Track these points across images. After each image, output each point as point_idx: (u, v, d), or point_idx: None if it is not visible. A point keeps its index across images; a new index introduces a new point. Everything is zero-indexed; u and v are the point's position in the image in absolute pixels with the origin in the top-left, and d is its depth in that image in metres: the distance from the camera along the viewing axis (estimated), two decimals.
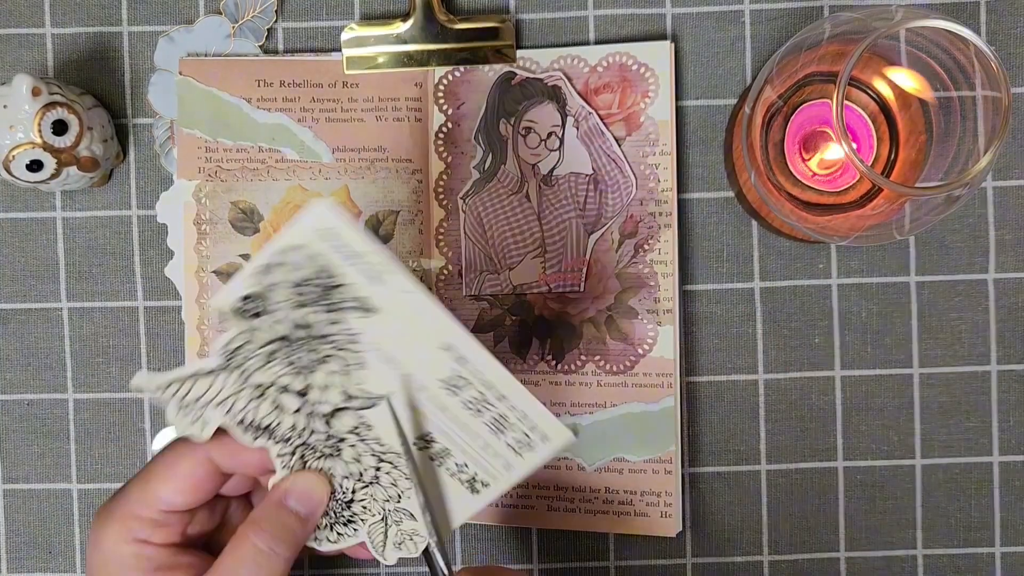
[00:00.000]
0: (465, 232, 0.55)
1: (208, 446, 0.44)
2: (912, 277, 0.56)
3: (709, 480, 0.56)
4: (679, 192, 0.55)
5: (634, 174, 0.54)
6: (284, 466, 0.44)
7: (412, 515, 0.44)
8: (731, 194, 0.56)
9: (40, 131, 0.50)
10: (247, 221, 0.55)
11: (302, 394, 0.43)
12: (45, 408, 0.56)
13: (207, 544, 0.46)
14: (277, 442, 0.44)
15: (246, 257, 0.55)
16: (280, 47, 0.56)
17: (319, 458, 0.44)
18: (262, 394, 0.43)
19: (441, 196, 0.55)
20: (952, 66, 0.47)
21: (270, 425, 0.43)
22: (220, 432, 0.44)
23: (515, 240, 0.55)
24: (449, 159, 0.55)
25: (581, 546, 0.56)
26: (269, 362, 0.43)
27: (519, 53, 0.55)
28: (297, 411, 0.43)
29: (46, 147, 0.50)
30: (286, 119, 0.55)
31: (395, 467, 0.44)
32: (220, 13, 0.55)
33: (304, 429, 0.44)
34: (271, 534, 0.43)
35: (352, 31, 0.55)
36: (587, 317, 0.55)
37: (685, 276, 0.55)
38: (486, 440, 0.43)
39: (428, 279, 0.55)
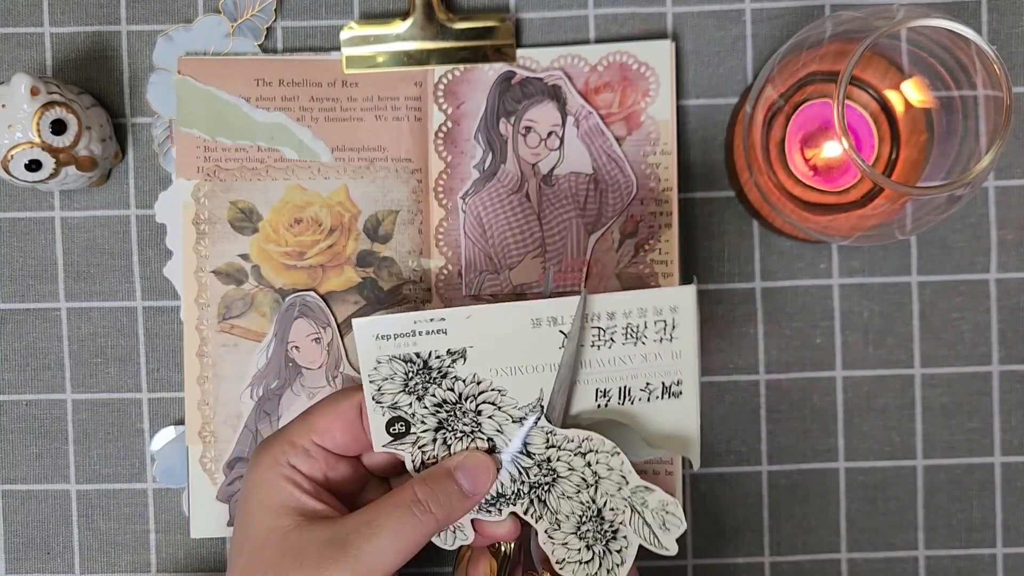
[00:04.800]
0: (465, 232, 0.55)
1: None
2: (914, 277, 0.56)
3: (710, 481, 0.56)
4: (680, 192, 0.55)
5: (634, 174, 0.54)
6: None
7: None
8: (732, 194, 0.55)
9: (39, 130, 0.50)
10: (246, 221, 0.55)
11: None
12: (43, 408, 0.56)
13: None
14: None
15: (245, 257, 0.55)
16: (279, 46, 0.56)
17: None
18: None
19: (441, 196, 0.55)
20: (954, 65, 0.47)
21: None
22: None
23: (515, 240, 0.55)
24: (449, 158, 0.55)
25: None
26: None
27: (519, 52, 0.55)
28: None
29: (45, 147, 0.50)
30: (285, 118, 0.55)
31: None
32: (219, 12, 0.55)
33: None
34: (433, 492, 0.44)
35: (351, 30, 0.55)
36: None
37: (686, 276, 0.55)
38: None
39: (428, 279, 0.55)
